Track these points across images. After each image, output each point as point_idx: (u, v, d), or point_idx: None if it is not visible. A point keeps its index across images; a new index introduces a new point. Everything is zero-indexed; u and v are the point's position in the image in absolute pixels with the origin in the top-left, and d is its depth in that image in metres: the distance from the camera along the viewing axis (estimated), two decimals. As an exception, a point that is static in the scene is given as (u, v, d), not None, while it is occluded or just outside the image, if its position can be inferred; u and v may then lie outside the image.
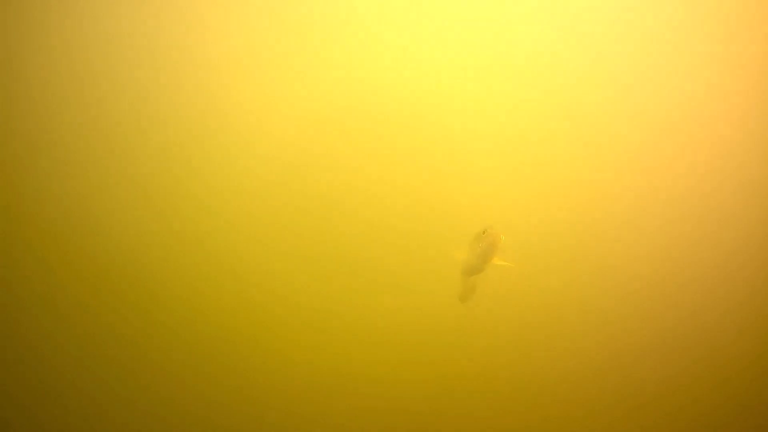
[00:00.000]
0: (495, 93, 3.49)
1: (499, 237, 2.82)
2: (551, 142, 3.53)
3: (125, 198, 3.42)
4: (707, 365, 3.46)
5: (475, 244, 2.88)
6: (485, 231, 2.86)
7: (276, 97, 3.47)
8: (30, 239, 3.36)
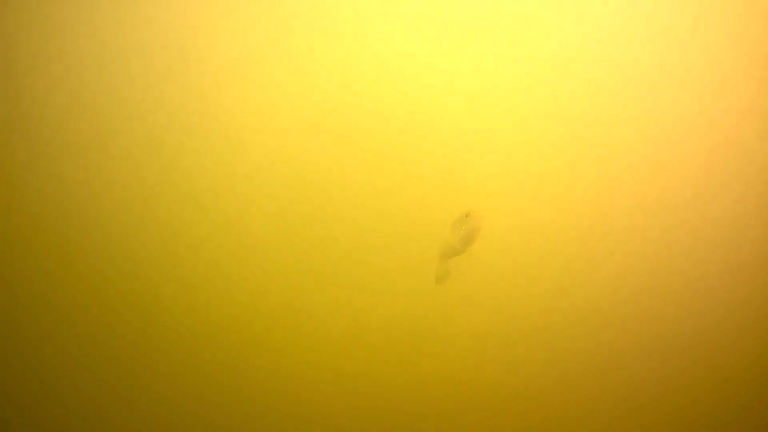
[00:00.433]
0: (495, 93, 3.47)
1: (481, 222, 2.86)
2: (550, 141, 3.51)
3: (124, 198, 3.41)
4: (707, 365, 3.46)
5: (458, 226, 2.93)
6: (468, 215, 2.89)
7: (275, 97, 3.45)
8: (29, 239, 3.36)
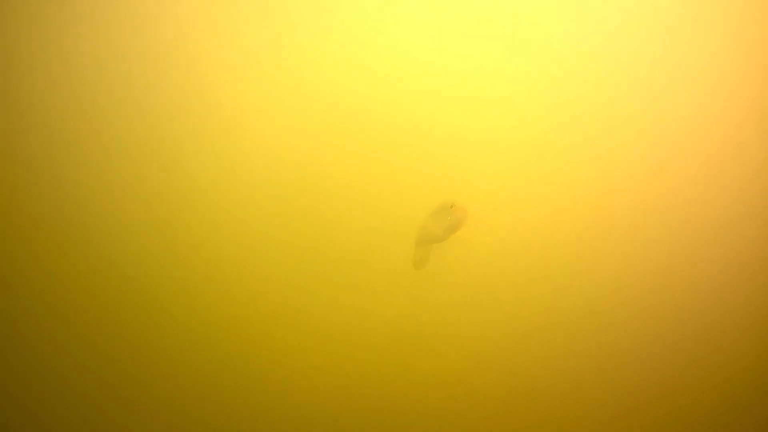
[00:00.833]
0: (495, 94, 3.45)
1: (466, 213, 2.84)
2: (547, 139, 3.48)
3: (124, 197, 3.42)
4: (706, 364, 3.45)
5: (441, 214, 2.91)
6: (453, 205, 2.86)
7: (274, 97, 3.45)
8: (29, 239, 3.37)
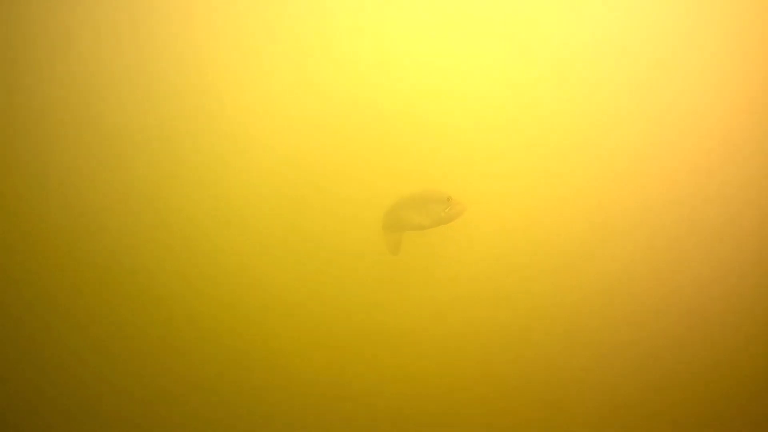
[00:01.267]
0: (496, 94, 3.45)
1: (465, 209, 2.86)
2: (549, 140, 3.49)
3: (125, 198, 3.44)
4: (706, 364, 3.44)
5: (434, 205, 2.88)
6: (450, 198, 2.85)
7: (272, 98, 3.46)
8: (31, 238, 3.38)
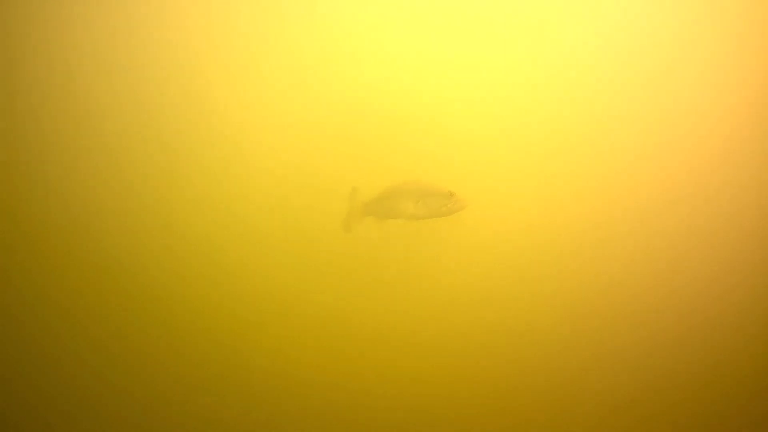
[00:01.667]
0: (496, 94, 3.44)
1: (465, 206, 2.85)
2: (552, 140, 3.48)
3: (125, 198, 3.44)
4: (706, 364, 3.43)
5: (432, 198, 2.88)
6: (453, 194, 2.85)
7: (272, 98, 3.45)
8: (32, 238, 3.39)
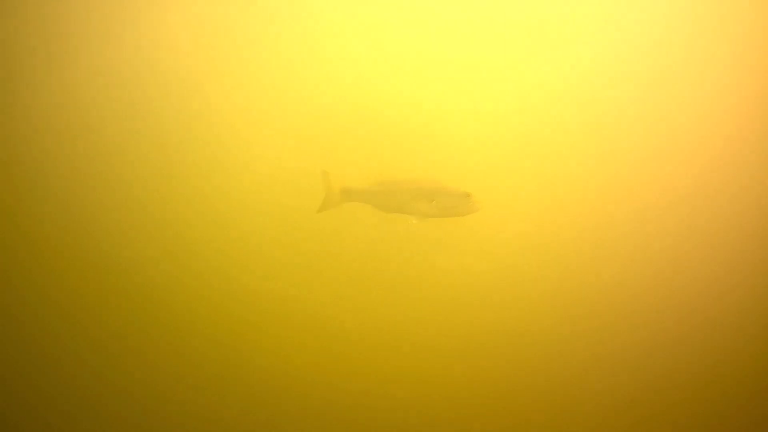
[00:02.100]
0: (495, 95, 3.43)
1: (479, 208, 2.87)
2: (554, 140, 3.48)
3: (124, 198, 3.44)
4: (706, 364, 3.43)
5: (447, 198, 2.88)
6: (469, 195, 2.86)
7: (272, 97, 3.45)
8: (32, 239, 3.39)
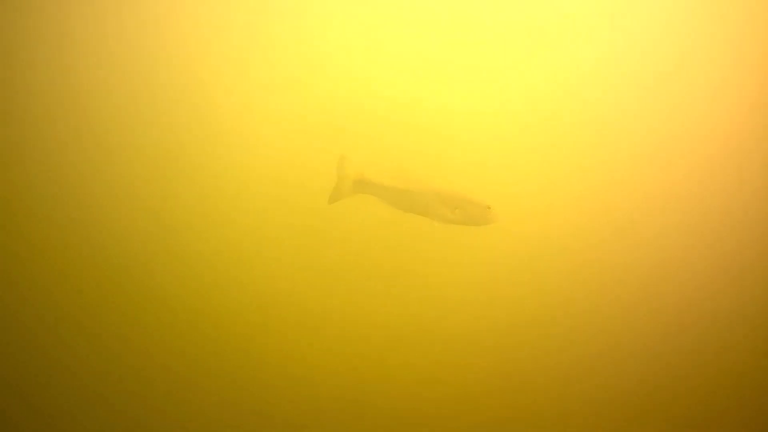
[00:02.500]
0: (497, 94, 3.43)
1: (495, 220, 2.90)
2: (555, 139, 3.48)
3: (124, 197, 3.44)
4: (706, 364, 3.43)
5: (469, 207, 2.91)
6: (490, 207, 2.90)
7: (271, 96, 3.45)
8: (32, 239, 3.39)
